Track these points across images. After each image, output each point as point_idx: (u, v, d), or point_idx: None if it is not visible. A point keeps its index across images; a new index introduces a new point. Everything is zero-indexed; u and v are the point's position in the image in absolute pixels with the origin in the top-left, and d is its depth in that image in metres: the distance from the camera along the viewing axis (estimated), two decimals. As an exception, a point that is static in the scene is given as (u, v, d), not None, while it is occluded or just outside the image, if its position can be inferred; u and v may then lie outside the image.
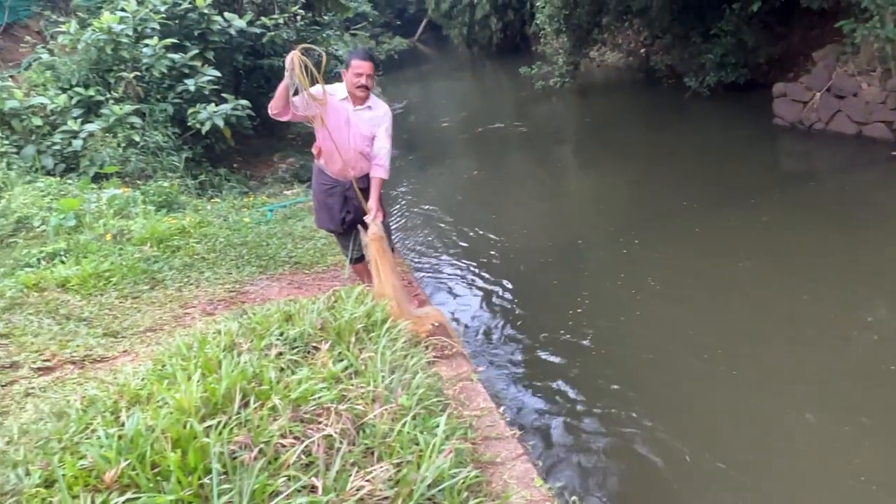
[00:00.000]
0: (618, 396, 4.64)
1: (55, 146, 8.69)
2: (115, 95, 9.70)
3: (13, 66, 11.41)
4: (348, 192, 4.70)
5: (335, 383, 3.10)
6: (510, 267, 7.07)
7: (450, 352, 4.25)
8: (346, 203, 4.75)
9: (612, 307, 5.89)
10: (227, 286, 5.23)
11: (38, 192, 7.40)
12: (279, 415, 2.71)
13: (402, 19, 38.32)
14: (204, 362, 2.97)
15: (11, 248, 6.07)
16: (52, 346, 3.76)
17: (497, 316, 6.07)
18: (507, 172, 11.78)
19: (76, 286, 4.90)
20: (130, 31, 10.02)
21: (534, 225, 8.61)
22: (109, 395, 2.83)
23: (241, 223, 6.84)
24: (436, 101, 21.14)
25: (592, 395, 4.72)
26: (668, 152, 10.94)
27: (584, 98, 16.63)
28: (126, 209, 6.93)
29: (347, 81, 4.55)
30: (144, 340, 4.04)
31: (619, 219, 8.17)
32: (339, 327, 3.67)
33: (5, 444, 2.52)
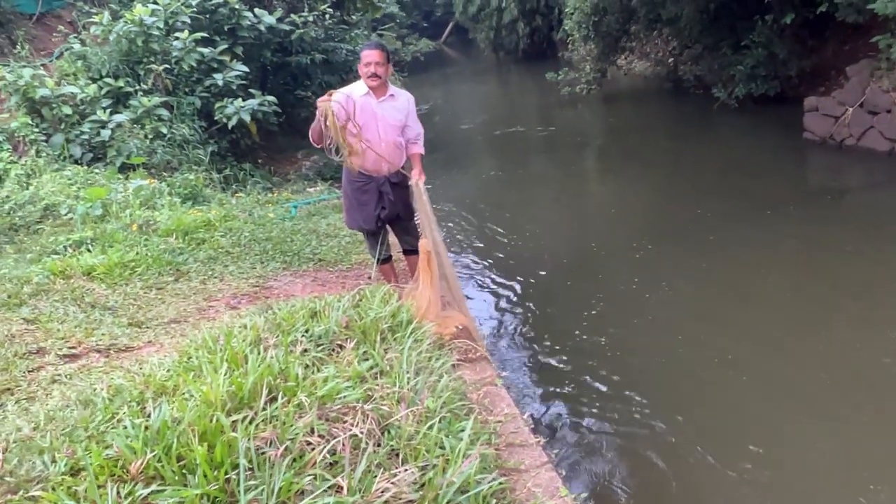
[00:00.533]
0: (634, 402, 4.59)
1: (83, 135, 8.75)
2: (144, 87, 9.75)
3: (45, 55, 11.50)
4: (382, 187, 4.71)
5: (360, 382, 3.07)
6: (527, 269, 7.01)
7: (473, 355, 4.21)
8: (381, 199, 4.74)
9: (628, 313, 5.84)
10: (251, 281, 5.22)
11: (65, 180, 7.46)
12: (305, 412, 2.68)
13: (428, 21, 38.35)
14: (230, 356, 2.95)
15: (38, 235, 6.12)
16: (78, 334, 3.77)
17: (511, 319, 6.03)
18: (528, 176, 11.73)
19: (102, 275, 4.92)
20: (161, 24, 10.07)
21: (553, 229, 8.56)
22: (135, 385, 2.82)
23: (265, 218, 6.84)
24: (460, 104, 21.11)
25: (609, 400, 4.67)
26: (693, 163, 10.84)
27: (609, 105, 16.54)
28: (152, 200, 6.95)
29: (362, 74, 4.58)
30: (169, 332, 4.04)
31: (640, 226, 8.09)
32: (364, 326, 3.65)
33: (32, 429, 2.51)
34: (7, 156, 8.26)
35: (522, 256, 7.43)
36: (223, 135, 10.46)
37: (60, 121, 8.82)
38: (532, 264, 7.17)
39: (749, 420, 4.29)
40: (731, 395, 4.57)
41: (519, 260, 7.35)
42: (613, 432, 4.37)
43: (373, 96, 4.63)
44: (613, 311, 5.89)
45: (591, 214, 9.43)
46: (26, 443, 2.41)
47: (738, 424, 4.27)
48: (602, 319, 5.76)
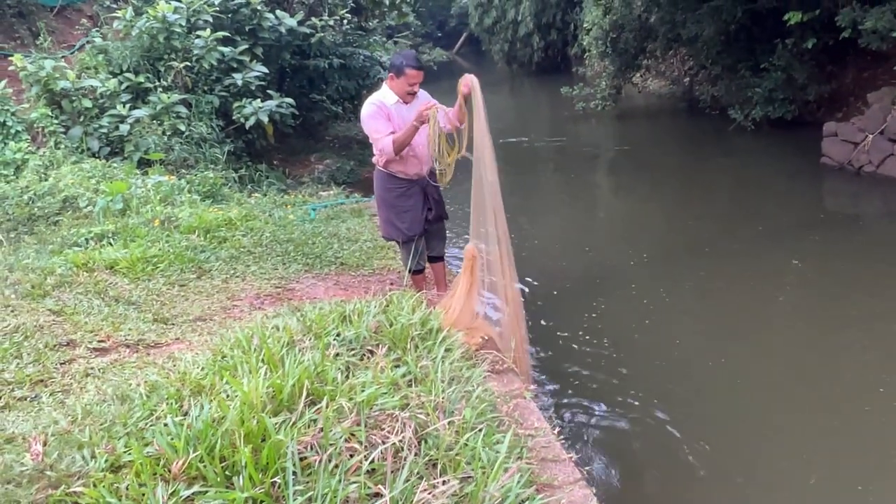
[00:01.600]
0: (653, 422, 4.56)
1: (102, 129, 8.75)
2: (164, 84, 9.76)
3: (65, 48, 11.52)
4: (427, 188, 4.67)
5: (395, 389, 3.03)
6: (533, 284, 6.98)
7: (500, 367, 4.16)
8: (426, 199, 4.71)
9: (633, 330, 5.82)
10: (273, 282, 5.18)
11: (84, 172, 7.45)
12: (345, 417, 2.63)
13: (442, 31, 38.49)
14: (267, 357, 2.91)
15: (58, 227, 6.09)
16: (106, 328, 3.72)
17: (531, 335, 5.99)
18: (538, 189, 11.70)
19: (124, 269, 4.88)
20: (184, 22, 10.08)
21: (561, 244, 8.53)
22: (171, 382, 2.77)
23: (285, 220, 6.82)
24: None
25: (628, 420, 4.64)
26: (706, 183, 10.81)
27: (623, 123, 16.53)
28: (171, 197, 6.93)
29: (397, 87, 4.54)
30: (195, 329, 3.99)
31: (649, 244, 8.05)
32: (394, 332, 3.60)
33: (69, 423, 2.46)
34: (26, 146, 8.26)
35: (529, 270, 7.38)
36: (239, 135, 10.45)
37: (80, 114, 8.82)
38: (539, 279, 7.13)
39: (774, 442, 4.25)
40: (756, 416, 4.53)
41: (526, 274, 7.29)
42: (637, 450, 4.34)
43: (402, 103, 4.61)
44: (619, 328, 5.85)
45: (601, 230, 9.39)
46: (65, 436, 2.36)
47: (765, 445, 4.22)
48: (607, 336, 5.74)
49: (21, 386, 2.95)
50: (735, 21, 12.67)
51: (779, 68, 11.95)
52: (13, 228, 6.24)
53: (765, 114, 12.33)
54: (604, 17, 15.95)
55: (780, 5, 11.61)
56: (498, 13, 26.77)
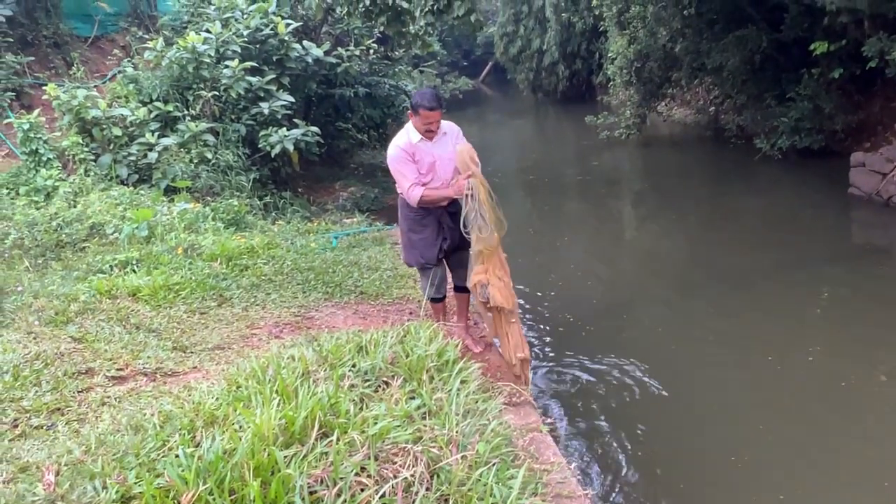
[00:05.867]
0: (678, 453, 4.48)
1: (131, 157, 8.91)
2: (192, 112, 9.94)
3: (98, 77, 11.79)
4: (441, 217, 4.66)
5: (409, 422, 3.01)
6: (556, 314, 6.94)
7: (517, 399, 4.13)
8: (441, 229, 4.69)
9: (660, 362, 5.76)
10: (293, 310, 5.21)
11: (112, 199, 7.57)
12: (356, 450, 2.62)
13: (468, 60, 38.80)
14: (281, 388, 2.91)
15: (84, 253, 6.18)
16: (125, 356, 3.76)
17: (542, 366, 5.95)
18: (562, 218, 11.69)
19: (146, 296, 4.94)
20: (213, 52, 10.29)
21: (584, 274, 8.47)
22: (185, 412, 2.79)
23: (307, 248, 6.85)
24: (496, 143, 21.19)
25: (650, 451, 4.57)
26: (731, 213, 10.70)
27: (648, 151, 16.48)
28: (196, 224, 7.02)
29: (417, 125, 4.51)
30: (213, 358, 4.02)
31: (673, 275, 7.98)
32: (410, 364, 3.59)
33: (83, 452, 2.48)
34: (56, 173, 8.43)
35: (552, 300, 7.35)
36: (265, 162, 10.59)
37: (110, 142, 9.00)
38: (561, 308, 7.09)
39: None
40: (780, 452, 4.43)
41: (548, 303, 7.26)
42: (658, 488, 4.26)
43: (426, 140, 4.59)
44: (641, 359, 5.79)
45: (624, 260, 9.33)
46: (78, 466, 2.38)
47: (797, 482, 4.13)
48: (629, 368, 5.68)
49: (38, 414, 2.98)
50: (760, 51, 12.64)
51: (805, 98, 11.87)
52: (41, 254, 6.35)
53: (791, 143, 12.22)
54: (628, 47, 16.00)
55: (806, 35, 11.56)
56: (523, 42, 26.94)
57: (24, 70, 11.24)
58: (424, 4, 9.98)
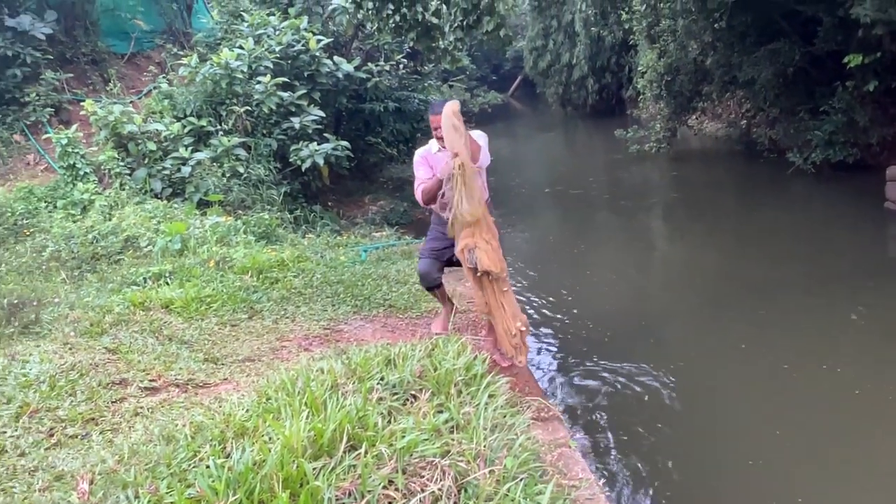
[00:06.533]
0: (706, 470, 4.43)
1: (165, 171, 9.06)
2: (225, 127, 10.10)
3: (134, 93, 12.04)
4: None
5: (437, 436, 3.02)
6: (585, 328, 6.89)
7: (546, 414, 4.11)
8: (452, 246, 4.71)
9: (686, 373, 5.70)
10: (322, 323, 5.25)
11: (146, 213, 7.70)
12: (384, 464, 2.63)
13: (497, 74, 38.91)
14: (310, 400, 2.93)
15: (119, 265, 6.30)
16: (158, 367, 3.82)
17: (568, 379, 5.91)
18: (591, 232, 11.61)
19: (179, 308, 5.01)
20: (245, 68, 10.45)
21: (614, 288, 8.39)
22: (216, 423, 2.82)
23: (336, 261, 6.91)
24: (525, 157, 21.20)
25: (679, 468, 4.51)
26: (763, 228, 10.55)
27: (678, 165, 16.36)
28: (228, 237, 7.11)
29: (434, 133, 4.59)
30: (243, 370, 4.06)
31: (704, 290, 7.86)
32: (438, 377, 3.60)
33: (116, 462, 2.52)
34: (93, 187, 8.61)
35: (581, 312, 7.31)
36: (296, 176, 10.71)
37: (144, 156, 9.16)
38: (590, 322, 7.05)
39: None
40: (811, 472, 4.36)
41: (577, 318, 7.22)
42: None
43: (444, 150, 4.61)
44: (670, 375, 5.72)
45: (654, 274, 9.24)
46: (111, 476, 2.42)
47: None
48: (657, 383, 5.62)
49: (73, 423, 3.04)
50: (793, 64, 12.50)
51: (839, 111, 11.70)
52: (77, 266, 6.49)
53: (825, 157, 12.04)
54: (658, 60, 15.92)
55: (839, 48, 11.42)
56: (552, 57, 26.97)
57: (62, 86, 11.52)
58: (454, 20, 10.05)
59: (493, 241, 4.38)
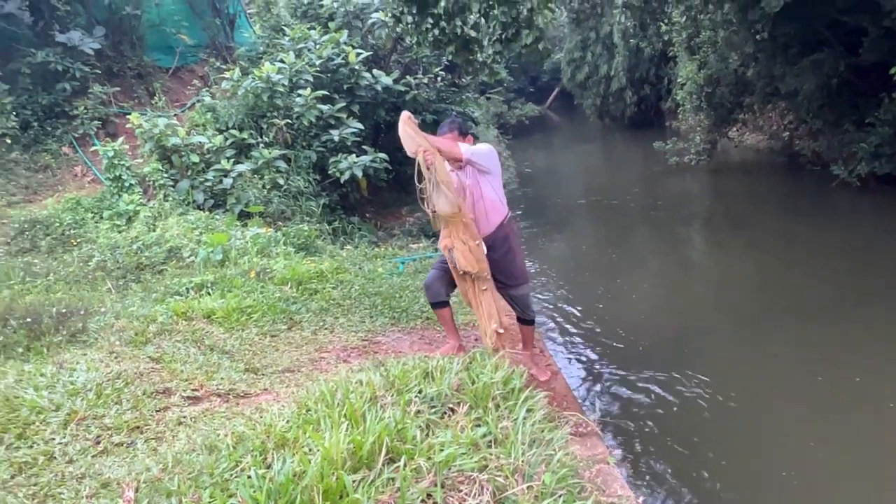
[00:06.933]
0: (743, 492, 4.34)
1: (207, 182, 9.22)
2: (266, 140, 10.25)
3: (178, 106, 12.29)
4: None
5: (474, 450, 3.01)
6: (620, 343, 6.83)
7: (584, 430, 4.08)
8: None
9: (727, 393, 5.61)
10: (360, 334, 5.28)
11: (188, 224, 7.84)
12: (422, 477, 2.64)
13: (534, 86, 38.94)
14: (349, 412, 2.96)
15: (162, 276, 6.42)
16: (200, 376, 3.88)
17: (605, 394, 5.86)
18: (628, 245, 11.51)
19: (220, 318, 5.09)
20: (286, 82, 10.61)
21: (651, 302, 8.31)
22: (257, 434, 2.86)
23: (374, 273, 6.95)
24: (562, 169, 21.15)
25: (715, 488, 4.44)
26: (806, 242, 10.36)
27: (718, 178, 16.16)
28: (268, 248, 7.21)
29: None
30: (283, 380, 4.11)
31: (743, 307, 7.72)
32: (476, 391, 3.60)
33: (160, 470, 2.57)
34: (138, 198, 8.80)
35: (617, 329, 7.23)
36: (334, 188, 10.81)
37: (188, 168, 9.34)
38: (626, 336, 6.99)
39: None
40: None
41: (613, 332, 7.15)
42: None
43: (454, 170, 4.61)
44: (706, 394, 5.64)
45: (692, 289, 9.10)
46: (155, 484, 2.47)
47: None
48: (694, 402, 5.55)
49: (119, 432, 3.10)
50: (837, 75, 12.29)
51: (885, 123, 11.45)
52: (122, 276, 6.63)
53: (871, 170, 11.79)
54: (698, 72, 15.78)
55: (885, 59, 11.19)
56: (590, 69, 26.90)
57: (109, 100, 11.82)
58: (493, 33, 10.08)
59: (470, 241, 4.35)
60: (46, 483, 2.64)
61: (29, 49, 11.21)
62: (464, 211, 4.35)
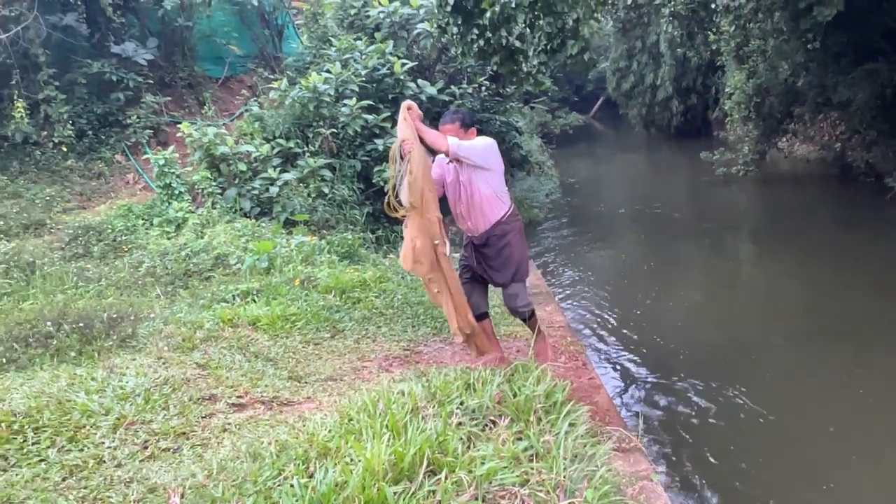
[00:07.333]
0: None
1: (254, 191, 9.38)
2: (312, 149, 10.38)
3: (227, 115, 12.53)
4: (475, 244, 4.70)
5: (516, 464, 3.00)
6: (663, 358, 6.70)
7: (627, 445, 4.02)
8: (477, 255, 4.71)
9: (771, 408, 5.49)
10: (402, 344, 5.31)
11: (235, 231, 7.98)
12: (463, 490, 2.63)
13: (579, 95, 38.69)
14: (391, 423, 2.97)
15: (209, 282, 6.54)
16: (245, 384, 3.94)
17: (651, 407, 5.79)
18: (672, 257, 11.34)
19: (265, 326, 5.16)
20: (332, 91, 10.74)
21: (695, 315, 8.15)
22: (300, 442, 2.89)
23: (417, 282, 6.96)
24: (606, 179, 20.97)
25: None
26: (859, 256, 10.07)
27: (767, 189, 15.85)
28: (312, 256, 7.29)
29: None
30: (326, 389, 4.14)
31: (792, 323, 7.51)
32: (517, 404, 3.58)
33: (205, 477, 2.61)
34: (187, 205, 8.99)
35: (660, 344, 7.12)
36: (378, 197, 10.87)
37: (235, 176, 9.52)
38: (669, 350, 6.87)
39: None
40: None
41: (656, 347, 7.04)
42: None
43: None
44: (752, 413, 5.50)
45: (739, 303, 8.91)
46: (200, 490, 2.50)
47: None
48: (739, 420, 5.42)
49: (166, 437, 3.16)
50: (892, 84, 11.98)
51: (943, 134, 11.14)
52: (171, 282, 6.77)
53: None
54: (747, 81, 15.53)
55: (944, 68, 10.90)
56: (636, 78, 26.67)
57: (161, 109, 12.11)
58: (538, 44, 10.07)
59: (418, 239, 4.37)
60: (96, 486, 2.70)
61: (85, 60, 11.56)
62: (423, 209, 4.35)
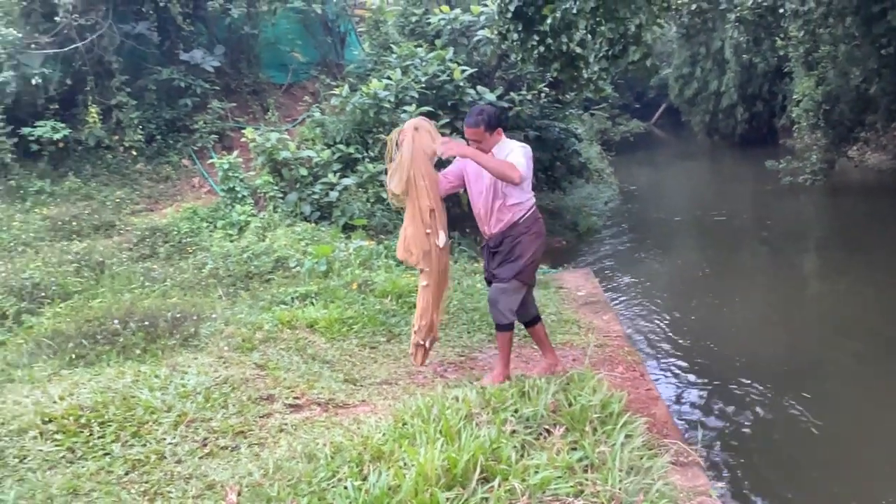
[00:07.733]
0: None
1: (314, 195, 9.52)
2: (371, 154, 10.48)
3: (289, 121, 12.76)
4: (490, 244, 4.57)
5: (570, 474, 2.96)
6: (724, 373, 6.50)
7: (685, 459, 3.93)
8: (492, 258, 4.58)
9: (833, 422, 5.33)
10: (457, 350, 5.32)
11: (295, 235, 8.12)
12: (516, 499, 2.62)
13: (640, 102, 38.11)
14: (445, 428, 2.97)
15: (269, 285, 6.66)
16: (301, 385, 4.00)
17: (708, 416, 5.67)
18: (734, 268, 11.05)
19: (323, 328, 5.23)
20: (392, 98, 10.81)
21: (758, 330, 7.92)
22: (354, 445, 2.91)
23: (473, 288, 6.97)
24: (668, 187, 20.61)
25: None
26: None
27: (836, 199, 15.35)
28: (370, 261, 7.36)
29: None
30: (381, 393, 4.17)
31: (864, 339, 7.22)
32: (573, 413, 3.54)
33: (262, 476, 2.65)
34: (249, 209, 9.18)
35: (721, 359, 6.92)
36: (436, 203, 10.92)
37: (296, 181, 9.67)
38: (731, 364, 6.68)
39: None
40: None
41: (716, 361, 6.85)
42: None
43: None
44: (820, 430, 5.29)
45: (806, 316, 8.60)
46: (257, 489, 2.55)
47: None
48: (806, 438, 5.23)
49: (225, 435, 3.23)
50: (972, 92, 11.49)
51: None
52: (232, 284, 6.92)
53: None
54: (816, 88, 15.07)
55: None
56: (700, 84, 26.17)
57: (226, 115, 12.40)
58: (599, 50, 9.97)
59: (409, 228, 4.43)
60: (157, 481, 2.77)
61: (155, 67, 11.92)
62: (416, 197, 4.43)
